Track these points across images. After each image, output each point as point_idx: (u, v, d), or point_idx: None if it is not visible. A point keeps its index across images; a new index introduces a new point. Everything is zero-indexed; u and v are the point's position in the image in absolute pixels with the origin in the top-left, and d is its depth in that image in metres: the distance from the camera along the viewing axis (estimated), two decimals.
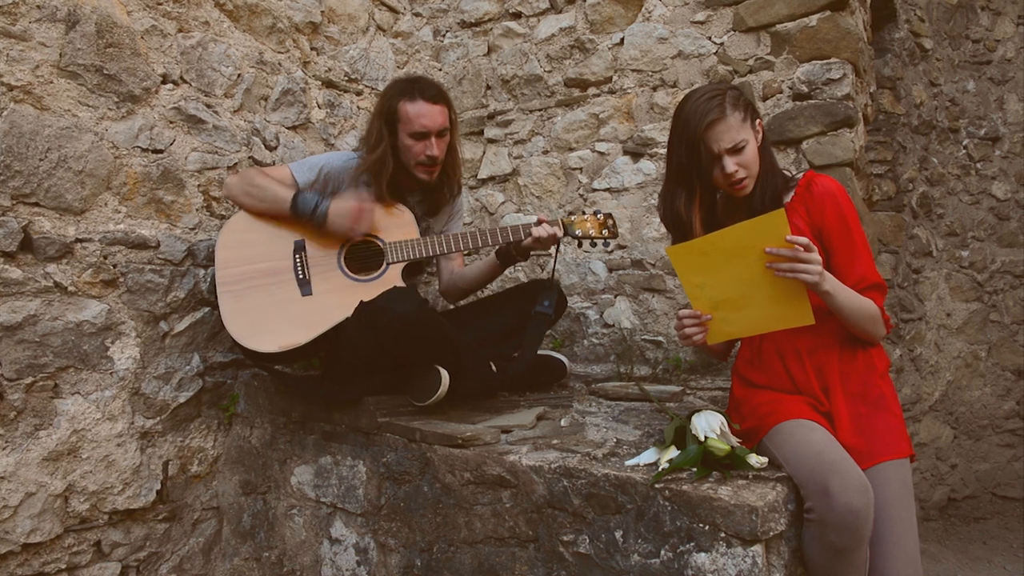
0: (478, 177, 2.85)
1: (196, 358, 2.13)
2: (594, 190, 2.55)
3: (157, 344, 2.03)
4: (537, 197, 2.69)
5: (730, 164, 1.44)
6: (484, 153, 2.84)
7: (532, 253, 1.98)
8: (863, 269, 1.48)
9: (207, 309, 2.13)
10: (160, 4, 2.05)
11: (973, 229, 3.70)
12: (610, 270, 2.53)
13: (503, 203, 2.79)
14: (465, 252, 2.00)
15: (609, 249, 2.53)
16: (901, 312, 3.54)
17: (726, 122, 1.43)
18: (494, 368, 1.97)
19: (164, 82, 2.06)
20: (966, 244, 3.70)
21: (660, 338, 2.42)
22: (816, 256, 1.32)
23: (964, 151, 3.70)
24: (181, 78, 2.11)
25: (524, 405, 2.00)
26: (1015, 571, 3.02)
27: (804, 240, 1.32)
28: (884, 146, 3.42)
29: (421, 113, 1.92)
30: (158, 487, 2.04)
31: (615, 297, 2.52)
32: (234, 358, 2.21)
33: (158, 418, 2.04)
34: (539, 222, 1.89)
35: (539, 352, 2.13)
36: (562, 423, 1.83)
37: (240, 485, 2.18)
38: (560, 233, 1.92)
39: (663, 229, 2.43)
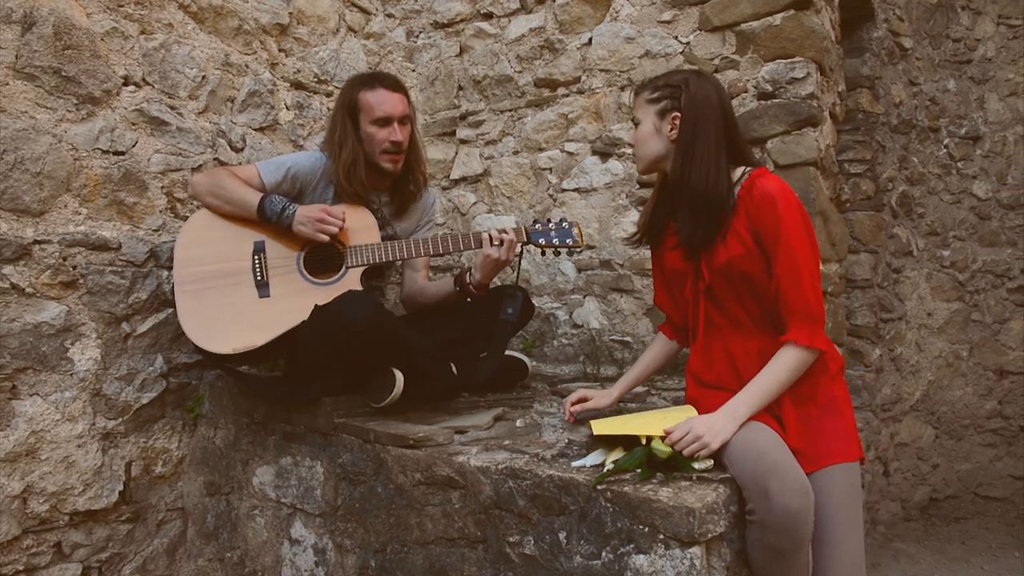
0: (450, 178, 2.85)
1: (160, 359, 2.13)
2: (563, 190, 2.55)
3: (119, 345, 2.04)
4: (508, 198, 2.69)
5: (632, 134, 1.61)
6: (456, 154, 2.84)
7: (495, 275, 1.97)
8: (792, 288, 1.41)
9: (171, 310, 2.13)
10: (121, 6, 2.05)
11: (954, 228, 3.69)
12: (579, 270, 2.53)
13: (475, 204, 2.79)
14: (427, 256, 1.99)
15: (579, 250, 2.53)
16: (881, 312, 3.53)
17: (637, 99, 1.58)
18: (455, 370, 1.97)
19: (126, 84, 2.06)
20: (947, 243, 3.68)
21: (628, 338, 2.42)
22: (696, 431, 1.38)
23: (945, 150, 3.69)
24: (143, 80, 2.11)
25: (484, 406, 2.00)
26: (992, 571, 3.01)
27: (678, 433, 1.40)
28: (863, 145, 3.41)
29: (382, 99, 1.94)
30: (121, 488, 2.04)
31: (584, 297, 2.52)
32: (199, 359, 2.21)
33: (120, 419, 2.04)
34: (491, 240, 1.87)
35: None
36: (518, 424, 1.83)
37: (205, 486, 2.19)
38: (516, 239, 1.90)
39: (630, 229, 2.43)
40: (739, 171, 1.50)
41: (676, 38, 2.35)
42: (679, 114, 1.49)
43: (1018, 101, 3.63)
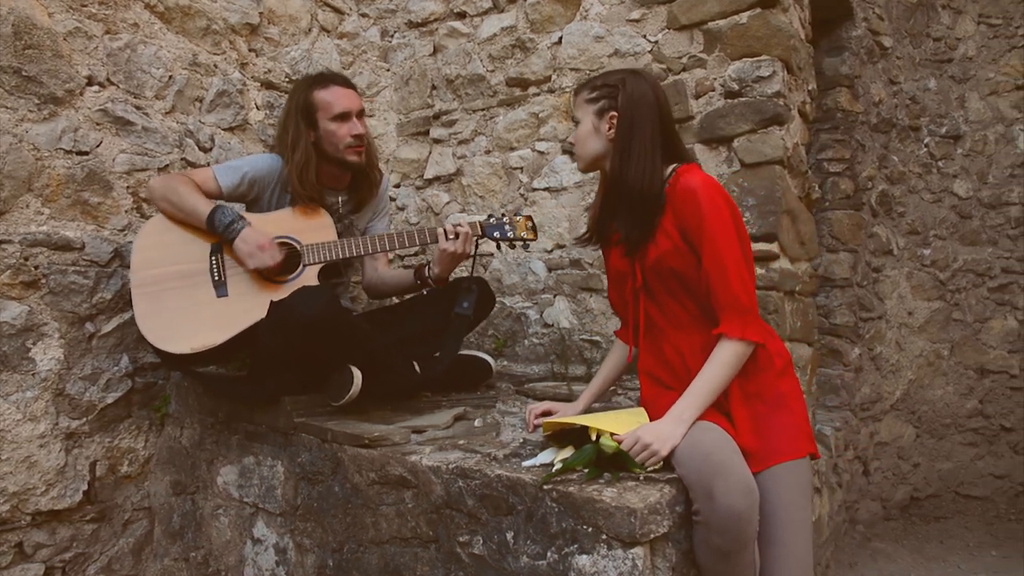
0: (424, 177, 2.84)
1: (125, 359, 2.13)
2: (534, 189, 2.55)
3: (83, 345, 2.04)
4: (480, 197, 2.69)
5: (573, 133, 1.63)
6: (430, 153, 2.83)
7: (452, 268, 2.00)
8: (719, 281, 1.42)
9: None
10: (85, 6, 2.05)
11: (935, 227, 3.68)
12: (549, 270, 2.53)
13: (448, 203, 2.78)
14: (383, 252, 1.99)
15: (549, 249, 2.53)
16: (860, 311, 3.52)
17: (576, 98, 1.59)
18: (418, 368, 1.97)
19: (90, 84, 2.06)
20: (928, 242, 3.68)
21: (597, 338, 2.41)
22: (644, 440, 1.38)
23: (925, 149, 3.68)
24: (108, 80, 2.11)
25: (446, 405, 2.00)
26: (968, 570, 3.01)
27: (627, 444, 1.39)
28: (842, 144, 3.41)
29: (339, 96, 1.95)
30: (85, 488, 2.04)
31: (554, 297, 2.52)
32: None
33: (84, 419, 2.04)
34: (447, 234, 1.89)
35: (464, 352, 2.13)
36: (476, 423, 1.83)
37: (171, 485, 2.19)
38: (471, 233, 1.91)
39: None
40: (669, 169, 1.50)
41: (645, 37, 2.35)
42: (616, 113, 1.50)
43: (999, 100, 3.63)
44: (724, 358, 1.41)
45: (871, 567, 3.05)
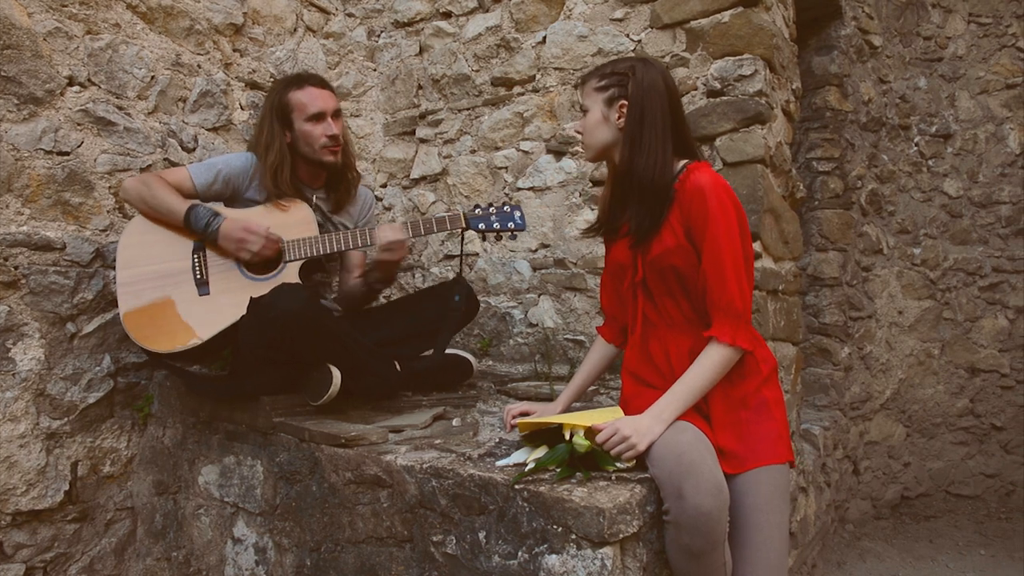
0: (411, 177, 2.84)
1: (107, 359, 2.13)
2: (519, 189, 2.55)
3: (64, 345, 2.04)
4: (466, 196, 2.69)
5: (579, 122, 1.58)
6: (416, 153, 2.83)
7: (394, 270, 2.03)
8: (717, 283, 1.41)
9: (118, 310, 2.13)
10: (65, 6, 2.05)
11: (925, 226, 3.68)
12: (534, 269, 2.53)
13: (434, 203, 2.78)
14: (365, 248, 1.99)
15: (533, 249, 2.53)
16: (850, 310, 3.52)
17: (584, 87, 1.56)
18: (399, 368, 1.97)
19: (70, 84, 2.06)
20: (918, 241, 3.67)
21: (581, 337, 2.41)
22: (623, 432, 1.37)
23: (915, 148, 3.68)
24: (89, 80, 2.11)
25: (426, 405, 2.00)
26: (957, 569, 3.01)
27: (605, 434, 1.38)
28: (831, 143, 3.40)
29: (314, 96, 1.96)
30: (66, 488, 2.04)
31: (539, 296, 2.51)
32: (148, 359, 2.21)
33: (66, 419, 2.04)
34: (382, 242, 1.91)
35: (446, 351, 2.12)
36: (454, 423, 1.83)
37: (154, 485, 2.19)
38: (451, 227, 1.92)
39: (584, 227, 2.43)
40: (680, 164, 1.49)
41: (628, 36, 2.35)
42: (626, 102, 1.47)
43: (989, 99, 3.62)
44: (711, 362, 1.40)
45: (860, 566, 3.05)
